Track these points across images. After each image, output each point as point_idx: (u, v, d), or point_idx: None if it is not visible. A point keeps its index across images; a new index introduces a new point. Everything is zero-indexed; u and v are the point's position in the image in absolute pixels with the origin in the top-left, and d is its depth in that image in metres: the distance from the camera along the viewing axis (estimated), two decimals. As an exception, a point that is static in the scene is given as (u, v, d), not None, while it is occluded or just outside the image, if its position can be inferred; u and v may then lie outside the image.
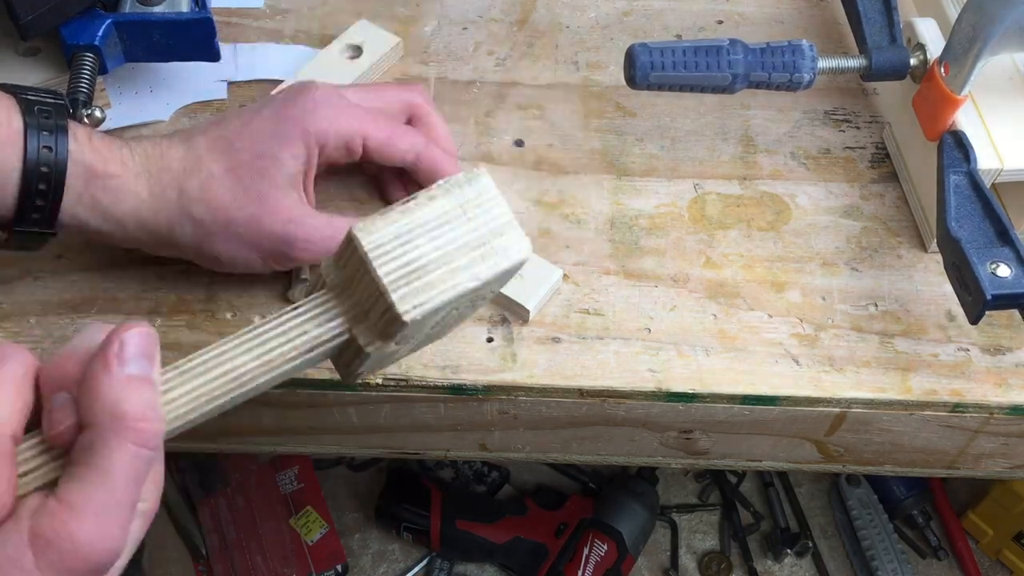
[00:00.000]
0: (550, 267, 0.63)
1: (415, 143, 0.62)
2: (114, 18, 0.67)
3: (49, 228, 0.55)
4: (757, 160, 0.71)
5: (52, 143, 0.53)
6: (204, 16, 0.67)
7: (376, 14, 0.77)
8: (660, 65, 0.61)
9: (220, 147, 0.57)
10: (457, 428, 0.65)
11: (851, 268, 0.66)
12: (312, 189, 0.61)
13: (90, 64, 0.66)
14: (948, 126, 0.62)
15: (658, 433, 0.65)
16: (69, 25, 0.66)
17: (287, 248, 0.58)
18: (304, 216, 0.59)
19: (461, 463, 1.30)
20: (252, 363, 0.46)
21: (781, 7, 0.80)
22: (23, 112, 0.53)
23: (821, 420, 0.63)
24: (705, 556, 1.27)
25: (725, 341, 0.62)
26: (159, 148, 0.57)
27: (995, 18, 0.57)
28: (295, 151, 0.58)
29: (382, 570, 1.26)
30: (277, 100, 0.59)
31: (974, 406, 0.61)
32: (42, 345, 0.61)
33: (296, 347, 0.46)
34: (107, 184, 0.55)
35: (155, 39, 0.68)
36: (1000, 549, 1.26)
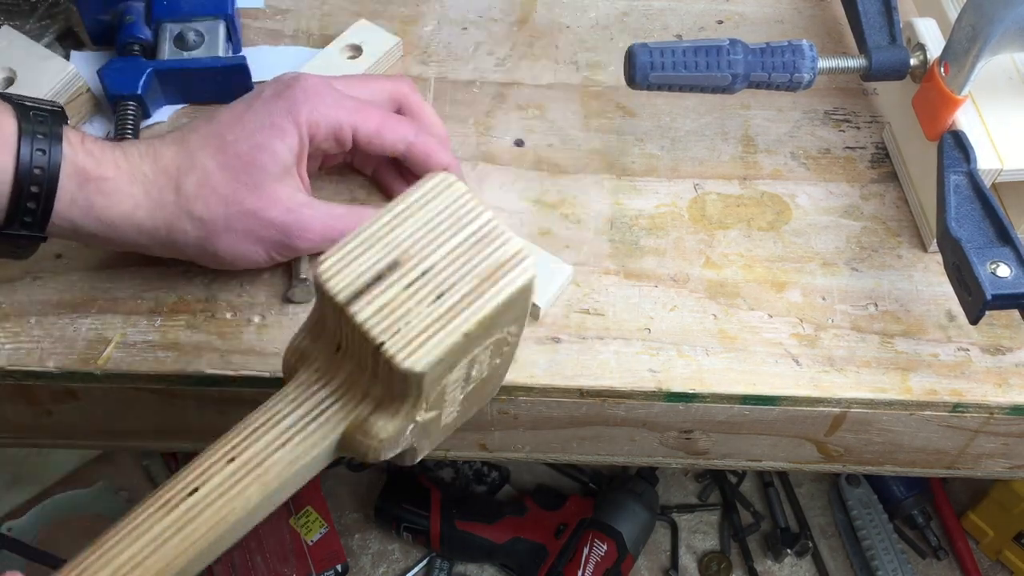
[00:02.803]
0: (560, 263, 0.63)
1: (405, 132, 0.62)
2: (155, 66, 0.69)
3: (40, 232, 0.55)
4: (757, 160, 0.71)
5: (46, 146, 0.53)
6: (240, 63, 0.70)
7: (376, 14, 0.77)
8: (660, 65, 0.61)
9: (213, 143, 0.57)
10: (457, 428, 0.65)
11: (851, 268, 0.66)
12: (307, 176, 0.61)
13: (133, 112, 0.68)
14: (948, 126, 0.62)
15: (658, 433, 0.65)
16: (111, 75, 0.68)
17: (288, 237, 0.59)
18: (303, 205, 0.59)
19: (461, 463, 1.30)
20: None
21: (781, 7, 0.80)
22: (18, 117, 0.53)
23: (821, 420, 0.63)
24: (705, 556, 1.27)
25: (725, 341, 0.62)
26: (152, 149, 0.57)
27: (995, 18, 0.57)
28: (289, 140, 0.58)
29: (382, 570, 1.26)
30: (267, 92, 0.59)
31: (974, 406, 0.61)
32: (42, 345, 0.61)
33: None
34: (101, 187, 0.55)
35: (194, 84, 0.71)
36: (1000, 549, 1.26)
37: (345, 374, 0.43)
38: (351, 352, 0.42)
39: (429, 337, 0.40)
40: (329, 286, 0.40)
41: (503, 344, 0.46)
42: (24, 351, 0.61)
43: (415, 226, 0.41)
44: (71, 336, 0.61)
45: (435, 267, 0.41)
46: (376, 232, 0.41)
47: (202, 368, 0.60)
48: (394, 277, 0.40)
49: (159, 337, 0.61)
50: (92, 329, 0.62)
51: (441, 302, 0.40)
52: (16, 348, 0.61)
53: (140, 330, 0.62)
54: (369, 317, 0.40)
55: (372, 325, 0.40)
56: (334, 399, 0.43)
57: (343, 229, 0.61)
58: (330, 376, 0.43)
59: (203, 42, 0.71)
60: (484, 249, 0.41)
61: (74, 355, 0.61)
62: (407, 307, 0.40)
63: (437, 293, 0.40)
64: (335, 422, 0.43)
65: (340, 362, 0.43)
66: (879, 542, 1.24)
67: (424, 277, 0.41)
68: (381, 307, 0.40)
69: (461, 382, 0.46)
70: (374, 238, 0.41)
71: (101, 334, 0.61)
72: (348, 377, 0.43)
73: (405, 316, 0.40)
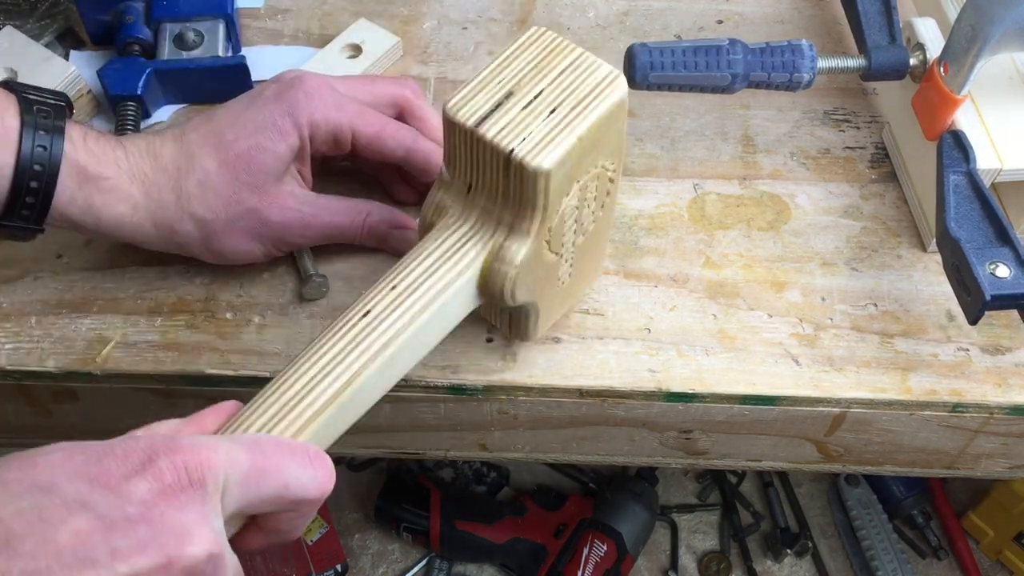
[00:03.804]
0: None
1: (404, 138, 0.62)
2: (154, 66, 0.69)
3: (38, 226, 0.55)
4: (757, 160, 0.71)
5: (47, 142, 0.53)
6: (240, 63, 0.70)
7: (376, 14, 0.77)
8: (660, 65, 0.61)
9: (212, 142, 0.57)
10: (457, 428, 0.65)
11: (851, 268, 0.66)
12: (310, 175, 0.62)
13: (133, 112, 0.68)
14: (947, 126, 0.62)
15: (658, 433, 0.65)
16: (111, 75, 0.68)
17: (288, 234, 0.59)
18: (303, 203, 0.59)
19: (461, 463, 1.30)
20: None
21: (781, 7, 0.80)
22: (22, 111, 0.53)
23: (821, 420, 0.63)
24: (705, 556, 1.27)
25: (725, 341, 0.62)
26: (152, 147, 0.57)
27: (995, 18, 0.57)
28: (289, 140, 0.58)
29: (382, 570, 1.26)
30: (268, 91, 0.59)
31: (974, 406, 0.61)
32: (42, 345, 0.61)
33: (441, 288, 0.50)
34: (100, 186, 0.55)
35: (194, 84, 0.71)
36: (1000, 549, 1.26)
37: (479, 210, 0.51)
38: (482, 184, 0.50)
39: (551, 140, 0.47)
40: (459, 117, 0.48)
41: (606, 183, 0.53)
42: (24, 351, 0.61)
43: (520, 65, 0.50)
44: (71, 336, 0.61)
45: (544, 91, 0.49)
46: (488, 76, 0.49)
47: (202, 368, 0.60)
48: (511, 103, 0.48)
49: (159, 337, 0.61)
50: (92, 329, 0.62)
51: (555, 115, 0.48)
52: (16, 348, 0.61)
53: (140, 330, 0.62)
54: (497, 133, 0.47)
55: (500, 138, 0.47)
56: (472, 232, 0.51)
57: (342, 225, 0.61)
58: (466, 216, 0.51)
59: (203, 42, 0.71)
60: (582, 74, 0.49)
61: (74, 355, 0.61)
62: (527, 122, 0.48)
63: (550, 109, 0.48)
64: (475, 251, 0.51)
65: (473, 200, 0.51)
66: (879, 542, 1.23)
67: (536, 99, 0.49)
68: (505, 124, 0.48)
69: (574, 221, 0.53)
70: (487, 79, 0.49)
71: (101, 334, 0.61)
72: (482, 212, 0.51)
73: (527, 128, 0.48)
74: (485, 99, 0.48)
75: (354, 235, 0.62)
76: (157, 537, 0.38)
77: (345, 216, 0.61)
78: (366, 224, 0.62)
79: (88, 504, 0.38)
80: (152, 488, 0.39)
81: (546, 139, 0.47)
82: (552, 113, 0.48)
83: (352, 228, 0.62)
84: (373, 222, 0.62)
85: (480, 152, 0.48)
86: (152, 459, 0.39)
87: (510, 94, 0.49)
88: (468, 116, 0.48)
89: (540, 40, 0.51)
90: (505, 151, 0.47)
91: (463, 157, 0.50)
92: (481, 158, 0.49)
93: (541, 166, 0.47)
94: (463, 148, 0.49)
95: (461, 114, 0.48)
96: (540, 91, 0.49)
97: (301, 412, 0.46)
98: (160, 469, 0.39)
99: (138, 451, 0.40)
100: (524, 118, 0.48)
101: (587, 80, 0.49)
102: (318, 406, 0.47)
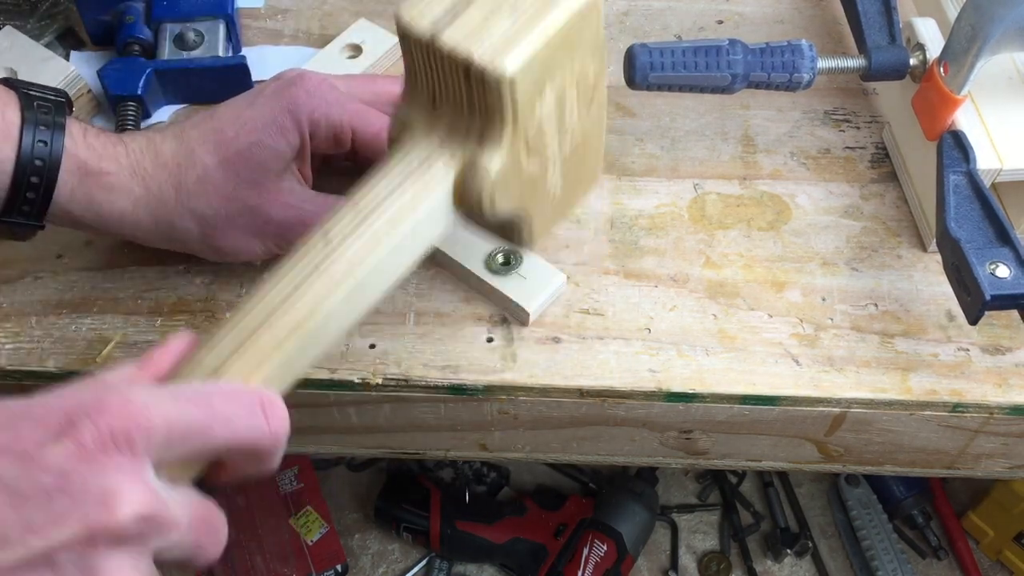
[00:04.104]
0: (554, 271, 0.63)
1: None
2: (155, 66, 0.69)
3: (38, 222, 0.55)
4: (757, 160, 0.71)
5: (48, 138, 0.53)
6: (240, 63, 0.70)
7: (376, 14, 0.77)
8: (660, 65, 0.61)
9: (213, 139, 0.57)
10: (457, 428, 0.65)
11: (851, 268, 0.66)
12: (310, 174, 0.62)
13: (133, 112, 0.68)
14: (948, 126, 0.62)
15: (658, 433, 0.65)
16: (111, 75, 0.68)
17: (288, 232, 0.59)
18: (303, 201, 0.59)
19: (461, 463, 1.30)
20: None
21: (781, 7, 0.80)
22: (22, 107, 0.54)
23: (821, 420, 0.63)
24: (705, 556, 1.27)
25: (725, 341, 0.62)
26: (153, 144, 0.57)
27: (995, 18, 0.57)
28: (289, 138, 0.58)
29: (382, 570, 1.26)
30: (268, 89, 0.59)
31: (974, 406, 0.61)
32: (42, 345, 0.61)
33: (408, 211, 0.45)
34: (100, 182, 0.55)
35: (194, 84, 0.71)
36: (1000, 549, 1.26)
37: (446, 121, 0.46)
38: (447, 95, 0.45)
39: (515, 43, 0.42)
40: (414, 27, 0.43)
41: (587, 87, 0.48)
42: (24, 351, 0.61)
43: None
44: (71, 336, 0.61)
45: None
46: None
47: (202, 368, 0.60)
48: (470, 8, 0.43)
49: (159, 337, 0.61)
50: (92, 329, 0.62)
51: (518, 16, 0.43)
52: (16, 348, 0.61)
53: (140, 330, 0.62)
54: (455, 42, 0.42)
55: (458, 46, 0.42)
56: (440, 144, 0.46)
57: None
58: (433, 128, 0.46)
59: (203, 42, 0.71)
60: None
61: (74, 355, 0.61)
62: (488, 27, 0.43)
63: (512, 11, 0.43)
64: (445, 165, 0.46)
65: (439, 113, 0.46)
66: (879, 542, 1.23)
67: (497, 3, 0.43)
68: (464, 32, 0.43)
69: (555, 125, 0.47)
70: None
71: (101, 334, 0.61)
72: (449, 123, 0.46)
73: (488, 33, 0.42)
74: (441, 5, 0.43)
75: None
76: (76, 506, 0.35)
77: None
78: None
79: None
80: (70, 453, 0.36)
81: (508, 43, 0.42)
82: (515, 15, 0.43)
83: None
84: None
85: (439, 63, 0.43)
86: (73, 421, 0.36)
87: None
88: (423, 27, 0.43)
89: None
90: (464, 59, 0.42)
91: (423, 69, 0.45)
92: (440, 68, 0.44)
93: (504, 72, 0.42)
94: (421, 60, 0.44)
95: (416, 24, 0.43)
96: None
97: (259, 347, 0.43)
98: (80, 432, 0.36)
99: (58, 412, 0.37)
100: (484, 23, 0.43)
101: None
102: (278, 339, 0.43)
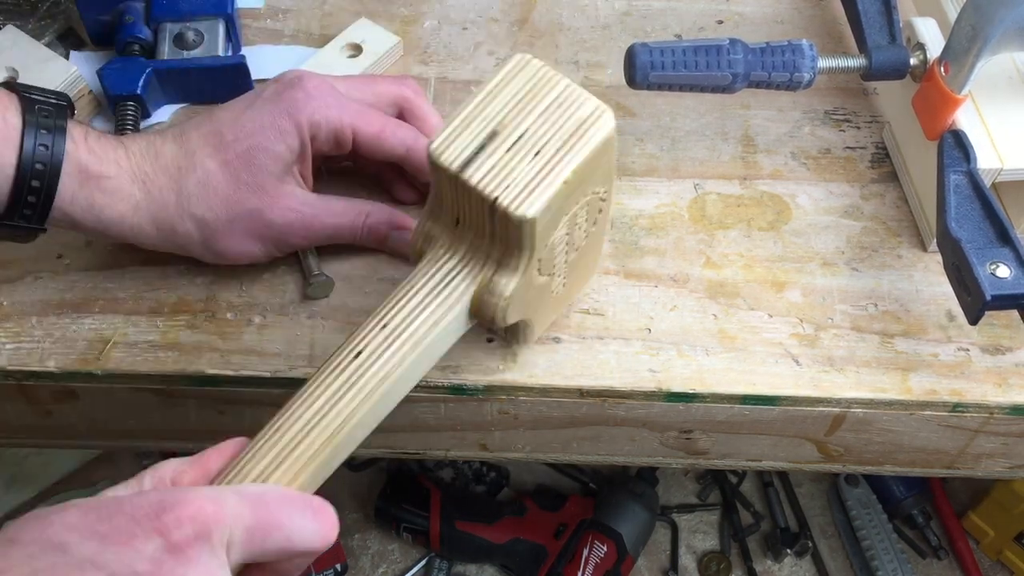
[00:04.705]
0: None
1: (405, 137, 0.62)
2: (154, 66, 0.69)
3: (39, 225, 0.55)
4: (757, 160, 0.71)
5: (49, 142, 0.53)
6: (239, 62, 0.70)
7: (376, 14, 0.77)
8: (660, 65, 0.61)
9: (213, 141, 0.57)
10: (457, 428, 0.65)
11: (851, 268, 0.66)
12: (310, 176, 0.62)
13: (133, 112, 0.68)
14: (948, 126, 0.62)
15: (658, 433, 0.65)
16: (111, 75, 0.68)
17: (288, 235, 0.60)
18: (303, 204, 0.59)
19: (461, 463, 1.30)
20: None
21: (781, 7, 0.80)
22: (23, 110, 0.54)
23: (821, 420, 0.63)
24: (705, 556, 1.27)
25: (725, 341, 0.62)
26: (153, 147, 0.57)
27: (995, 18, 0.57)
28: (289, 141, 0.58)
29: (381, 570, 1.26)
30: (268, 91, 0.59)
31: (974, 406, 0.61)
32: (42, 345, 0.61)
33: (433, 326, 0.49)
34: (101, 185, 0.55)
35: (194, 84, 0.71)
36: (1001, 549, 1.26)
37: (467, 244, 0.50)
38: (469, 221, 0.49)
39: (536, 186, 0.46)
40: (442, 160, 0.47)
41: (596, 206, 0.52)
42: (25, 351, 0.61)
43: (504, 100, 0.48)
44: (72, 336, 0.61)
45: (528, 130, 0.48)
46: (471, 112, 0.48)
47: (202, 368, 0.60)
48: (495, 144, 0.47)
49: (159, 337, 0.61)
50: (93, 329, 0.62)
51: (540, 157, 0.47)
52: (17, 348, 0.61)
53: (141, 330, 0.62)
54: (481, 179, 0.46)
55: (485, 184, 0.46)
56: (461, 266, 0.50)
57: (343, 225, 0.61)
58: (454, 249, 0.50)
59: (203, 42, 0.71)
60: (567, 110, 0.48)
61: (74, 355, 0.61)
62: (511, 165, 0.47)
63: (535, 151, 0.47)
64: (464, 285, 0.50)
65: (461, 234, 0.50)
66: (879, 542, 1.23)
67: (521, 140, 0.47)
68: (489, 169, 0.47)
69: (565, 245, 0.52)
70: (471, 117, 0.48)
71: (102, 334, 0.61)
72: (470, 246, 0.50)
73: (511, 173, 0.46)
74: (469, 139, 0.47)
75: (354, 236, 0.62)
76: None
77: (345, 217, 0.61)
78: (366, 225, 0.62)
79: (99, 563, 0.38)
80: (160, 544, 0.39)
81: (530, 186, 0.46)
82: (537, 156, 0.47)
83: (352, 229, 0.62)
84: (373, 223, 0.62)
85: (465, 195, 0.48)
86: (160, 515, 0.40)
87: (494, 134, 0.47)
88: (452, 159, 0.47)
89: (526, 71, 0.49)
90: (489, 199, 0.46)
91: (449, 196, 0.49)
92: (467, 200, 0.48)
93: (525, 215, 0.46)
94: (449, 189, 0.49)
95: (445, 157, 0.47)
96: (525, 130, 0.48)
97: (299, 456, 0.47)
98: (167, 525, 0.40)
99: (147, 507, 0.40)
100: (508, 161, 0.47)
101: (573, 117, 0.48)
102: (315, 448, 0.47)
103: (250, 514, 0.42)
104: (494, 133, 0.47)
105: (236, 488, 0.45)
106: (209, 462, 0.47)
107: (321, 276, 0.62)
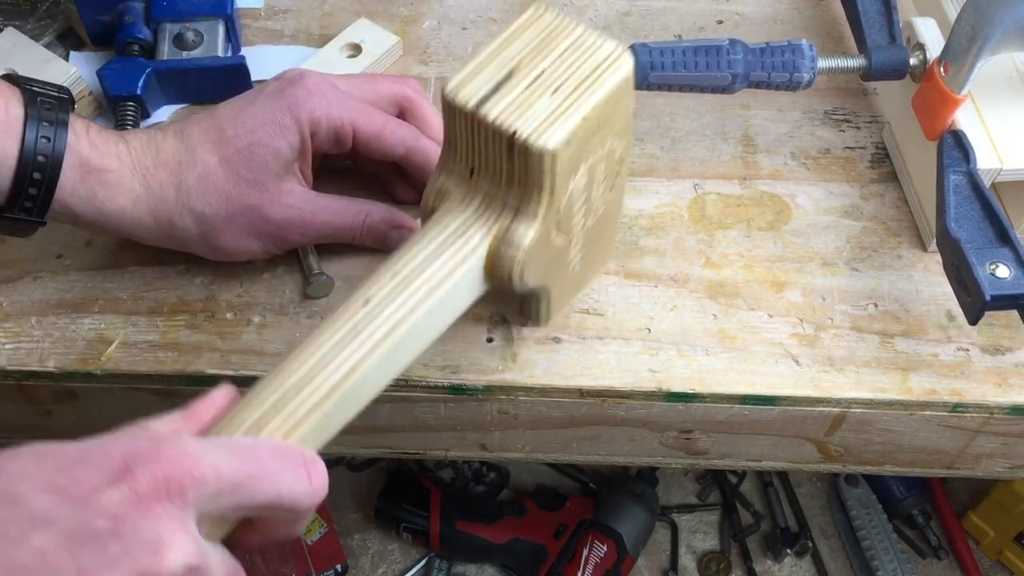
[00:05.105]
0: None
1: (405, 136, 0.62)
2: (154, 66, 0.69)
3: (40, 218, 0.55)
4: (757, 160, 0.71)
5: (51, 134, 0.53)
6: (239, 63, 0.70)
7: (376, 14, 0.77)
8: (660, 65, 0.61)
9: (213, 137, 0.57)
10: (457, 428, 0.65)
11: (851, 268, 0.66)
12: (311, 174, 0.62)
13: (132, 112, 0.68)
14: (948, 126, 0.62)
15: (658, 433, 0.65)
16: (111, 75, 0.68)
17: (287, 232, 0.60)
18: (303, 201, 0.59)
19: (461, 463, 1.30)
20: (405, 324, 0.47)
21: (781, 7, 0.80)
22: (25, 103, 0.54)
23: (821, 420, 0.63)
24: (705, 556, 1.27)
25: (725, 341, 0.62)
26: (154, 142, 0.57)
27: (995, 18, 0.57)
28: (289, 138, 0.58)
29: (381, 570, 1.26)
30: (269, 88, 0.59)
31: (974, 406, 0.61)
32: (42, 345, 0.61)
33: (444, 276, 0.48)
34: (102, 178, 0.55)
35: (193, 84, 0.71)
36: (1001, 549, 1.26)
37: (482, 193, 0.49)
38: (485, 167, 0.48)
39: (555, 119, 0.46)
40: (459, 99, 0.46)
41: (614, 168, 0.52)
42: (24, 351, 0.61)
43: (520, 45, 0.48)
44: (71, 336, 0.61)
45: (546, 71, 0.47)
46: (487, 56, 0.47)
47: (202, 368, 0.60)
48: (512, 83, 0.47)
49: (159, 337, 0.61)
50: (92, 329, 0.62)
51: (559, 94, 0.46)
52: (16, 348, 0.61)
53: (140, 330, 0.62)
54: (499, 114, 0.46)
55: (502, 120, 0.46)
56: (476, 215, 0.49)
57: (342, 224, 0.61)
58: (469, 199, 0.49)
59: (202, 42, 0.71)
60: (585, 52, 0.48)
61: (74, 355, 0.61)
62: (529, 102, 0.46)
63: (553, 88, 0.46)
64: (480, 236, 0.49)
65: (476, 184, 0.49)
66: (879, 542, 1.23)
67: (538, 79, 0.47)
68: (507, 106, 0.46)
69: (583, 204, 0.51)
70: (487, 60, 0.47)
71: (101, 334, 0.61)
72: (486, 195, 0.49)
73: (530, 108, 0.46)
74: (485, 80, 0.47)
75: (353, 234, 0.62)
76: (128, 552, 0.36)
77: (345, 215, 0.61)
78: (366, 224, 0.62)
79: (54, 519, 0.36)
80: (125, 499, 0.37)
81: (550, 119, 0.46)
82: (555, 92, 0.46)
83: (352, 227, 0.62)
84: (373, 222, 0.62)
85: (482, 135, 0.47)
86: (129, 467, 0.37)
87: (511, 75, 0.47)
88: (468, 98, 0.46)
89: (541, 20, 0.49)
90: (508, 132, 0.45)
91: (464, 141, 0.48)
92: (483, 141, 0.47)
93: (546, 146, 0.45)
94: (464, 131, 0.48)
95: (461, 96, 0.46)
96: (542, 71, 0.47)
97: (299, 405, 0.44)
98: (136, 479, 0.37)
99: (115, 458, 0.38)
100: (527, 98, 0.46)
101: (591, 58, 0.48)
102: (317, 398, 0.45)
103: (237, 466, 0.40)
104: (511, 74, 0.47)
105: (225, 440, 0.43)
106: (201, 412, 0.45)
107: (321, 276, 0.62)
